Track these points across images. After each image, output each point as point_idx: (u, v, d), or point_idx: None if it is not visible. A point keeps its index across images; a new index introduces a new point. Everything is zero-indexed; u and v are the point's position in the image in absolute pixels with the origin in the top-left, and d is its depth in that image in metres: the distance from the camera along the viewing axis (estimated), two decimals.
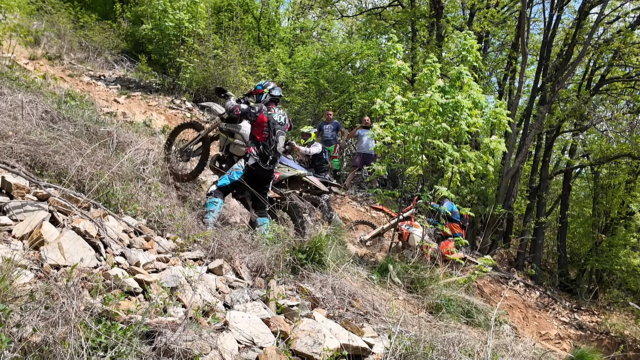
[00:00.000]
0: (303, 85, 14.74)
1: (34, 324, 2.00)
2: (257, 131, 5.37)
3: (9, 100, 4.72)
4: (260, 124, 5.35)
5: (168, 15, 11.75)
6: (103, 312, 2.33)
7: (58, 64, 10.85)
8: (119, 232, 3.42)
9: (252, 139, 5.42)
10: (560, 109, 13.03)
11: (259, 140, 5.36)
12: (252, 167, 5.31)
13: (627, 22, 13.08)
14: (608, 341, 9.22)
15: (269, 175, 5.49)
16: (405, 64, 7.15)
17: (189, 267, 3.27)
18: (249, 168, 5.31)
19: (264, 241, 4.40)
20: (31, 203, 3.15)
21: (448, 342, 3.34)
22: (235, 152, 5.72)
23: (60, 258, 2.74)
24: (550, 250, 16.94)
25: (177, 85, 12.14)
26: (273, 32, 18.02)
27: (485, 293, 8.71)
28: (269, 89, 5.59)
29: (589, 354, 4.70)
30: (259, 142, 5.36)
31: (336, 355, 2.95)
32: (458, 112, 6.22)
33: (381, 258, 6.53)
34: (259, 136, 5.36)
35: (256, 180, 5.36)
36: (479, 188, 11.67)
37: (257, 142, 5.36)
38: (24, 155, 3.71)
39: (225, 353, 2.55)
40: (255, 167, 5.32)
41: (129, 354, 2.09)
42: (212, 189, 5.28)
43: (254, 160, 5.31)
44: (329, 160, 10.74)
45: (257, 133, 5.38)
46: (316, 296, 3.80)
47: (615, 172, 14.81)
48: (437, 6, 13.60)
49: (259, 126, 5.35)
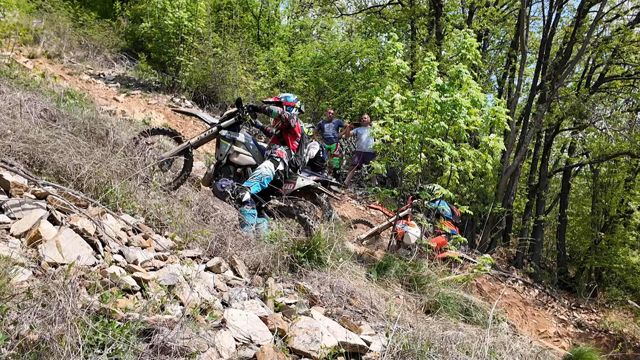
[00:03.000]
0: (303, 83, 14.75)
1: (31, 322, 2.01)
2: (290, 140, 5.44)
3: (7, 99, 4.73)
4: (294, 134, 5.43)
5: (167, 14, 11.76)
6: (100, 309, 2.34)
7: (57, 63, 10.85)
8: (117, 230, 3.43)
9: (284, 145, 5.47)
10: (559, 107, 13.04)
11: (289, 145, 5.44)
12: (281, 172, 5.36)
13: (626, 20, 13.09)
14: (607, 339, 9.23)
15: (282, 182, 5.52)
16: (404, 62, 7.16)
17: (187, 265, 3.27)
18: (278, 173, 5.34)
19: (263, 239, 4.41)
20: (29, 201, 3.16)
21: (446, 339, 3.35)
22: (239, 161, 5.52)
23: (58, 256, 2.74)
24: (550, 248, 16.96)
25: (177, 84, 12.15)
26: (273, 30, 18.01)
27: (484, 291, 8.72)
28: (298, 104, 5.70)
29: (587, 352, 4.69)
30: (290, 151, 5.43)
31: (334, 353, 2.96)
32: (456, 111, 6.22)
33: (380, 256, 6.53)
34: (290, 145, 5.43)
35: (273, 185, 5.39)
36: (478, 186, 11.70)
37: (288, 149, 5.43)
38: (23, 153, 3.71)
39: (223, 351, 2.56)
40: (283, 173, 5.38)
41: (126, 351, 2.10)
42: (247, 197, 5.08)
43: (284, 166, 5.36)
44: (327, 158, 10.76)
45: (289, 141, 5.44)
46: (314, 294, 3.80)
47: (615, 171, 14.81)
48: (437, 4, 13.60)
49: (293, 135, 5.43)
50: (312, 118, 14.99)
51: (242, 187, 5.17)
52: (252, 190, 5.16)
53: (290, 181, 5.74)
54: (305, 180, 5.88)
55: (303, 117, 14.90)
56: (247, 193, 5.13)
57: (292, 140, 5.46)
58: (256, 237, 4.61)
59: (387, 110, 6.67)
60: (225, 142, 5.51)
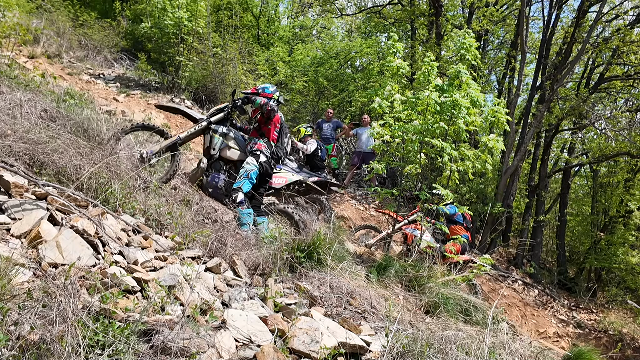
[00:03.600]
0: (302, 83, 14.75)
1: (32, 322, 2.01)
2: (268, 130, 5.42)
3: (7, 99, 4.73)
4: (274, 124, 5.42)
5: (167, 14, 11.76)
6: (101, 310, 2.34)
7: (57, 63, 10.85)
8: (117, 231, 3.43)
9: (262, 137, 5.46)
10: (559, 108, 13.05)
11: (268, 137, 5.42)
12: (265, 164, 5.36)
13: (626, 21, 13.11)
14: (606, 339, 9.24)
15: (271, 173, 5.53)
16: (404, 62, 7.17)
17: (187, 265, 3.28)
18: (262, 165, 5.34)
19: (263, 239, 4.42)
20: (30, 202, 3.16)
21: (445, 340, 3.36)
22: (231, 155, 5.48)
23: (59, 256, 2.75)
24: (549, 248, 16.97)
25: (177, 84, 12.15)
26: (272, 30, 18.01)
27: (484, 291, 8.73)
28: (277, 95, 5.67)
29: (587, 352, 4.69)
30: (270, 142, 5.42)
31: (333, 353, 2.96)
32: (456, 111, 6.23)
33: (379, 257, 6.54)
34: (270, 136, 5.42)
35: (261, 178, 5.41)
36: (477, 187, 11.70)
37: (267, 141, 5.42)
38: (23, 153, 3.71)
39: (223, 351, 2.57)
40: (267, 165, 5.38)
41: (127, 352, 2.10)
42: (240, 197, 5.08)
43: (265, 158, 5.36)
44: (325, 157, 10.75)
45: (268, 132, 5.42)
46: (314, 294, 3.81)
47: (614, 171, 14.84)
48: (437, 5, 13.61)
49: (273, 126, 5.41)
50: (312, 118, 15.00)
51: (233, 189, 5.18)
52: (243, 189, 5.15)
53: (282, 175, 5.75)
54: (296, 175, 5.89)
55: (302, 117, 14.93)
56: (239, 194, 5.12)
57: (272, 131, 5.43)
58: (255, 237, 4.61)
59: (387, 111, 6.67)
60: (218, 137, 5.48)
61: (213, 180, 5.39)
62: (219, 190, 5.34)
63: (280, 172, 5.78)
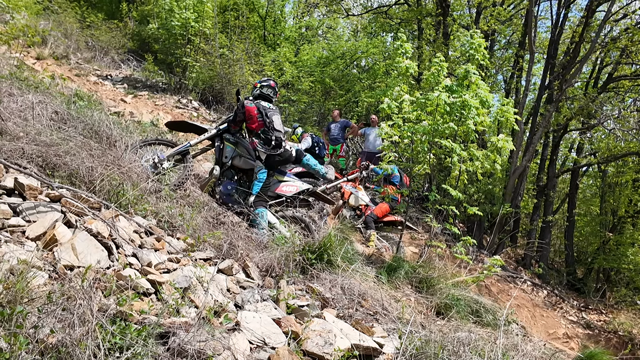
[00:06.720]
0: (309, 84, 14.74)
1: (51, 326, 2.02)
2: (250, 123, 5.45)
3: (19, 101, 4.74)
4: (250, 117, 5.41)
5: (174, 15, 11.79)
6: (117, 313, 2.35)
7: (65, 64, 10.89)
8: (130, 233, 3.44)
9: (250, 133, 5.50)
10: (567, 107, 12.99)
11: (255, 128, 5.43)
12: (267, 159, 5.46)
13: (635, 20, 13.02)
14: (616, 340, 9.19)
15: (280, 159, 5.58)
16: (412, 63, 7.14)
17: (200, 267, 3.28)
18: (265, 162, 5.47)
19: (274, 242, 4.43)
20: (44, 204, 3.17)
21: (458, 342, 3.34)
22: (242, 164, 5.52)
23: (74, 259, 2.76)
24: (558, 249, 16.89)
25: (184, 85, 12.18)
26: (279, 31, 18.01)
27: (493, 292, 8.70)
28: (261, 84, 5.68)
29: (598, 353, 4.67)
30: (257, 132, 5.42)
31: (347, 356, 2.96)
32: (465, 111, 6.20)
33: (388, 257, 6.53)
34: (254, 126, 5.43)
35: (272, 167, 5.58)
36: (486, 187, 11.65)
37: (256, 133, 5.43)
38: (36, 156, 3.73)
39: (238, 353, 2.57)
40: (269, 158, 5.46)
41: (145, 354, 2.10)
42: (251, 199, 5.32)
43: (264, 151, 5.41)
44: (334, 159, 10.72)
45: (251, 125, 5.45)
46: (326, 296, 3.80)
47: (623, 171, 14.73)
48: (444, 4, 13.57)
49: (250, 118, 5.42)
50: (318, 118, 14.99)
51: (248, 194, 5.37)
52: (254, 190, 5.32)
53: (293, 184, 5.79)
54: (305, 184, 5.93)
55: (309, 117, 14.91)
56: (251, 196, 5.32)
57: (253, 121, 5.43)
58: (268, 239, 4.62)
59: (396, 111, 6.65)
60: (230, 145, 5.55)
61: (225, 188, 5.44)
62: (231, 198, 5.39)
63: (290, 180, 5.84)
